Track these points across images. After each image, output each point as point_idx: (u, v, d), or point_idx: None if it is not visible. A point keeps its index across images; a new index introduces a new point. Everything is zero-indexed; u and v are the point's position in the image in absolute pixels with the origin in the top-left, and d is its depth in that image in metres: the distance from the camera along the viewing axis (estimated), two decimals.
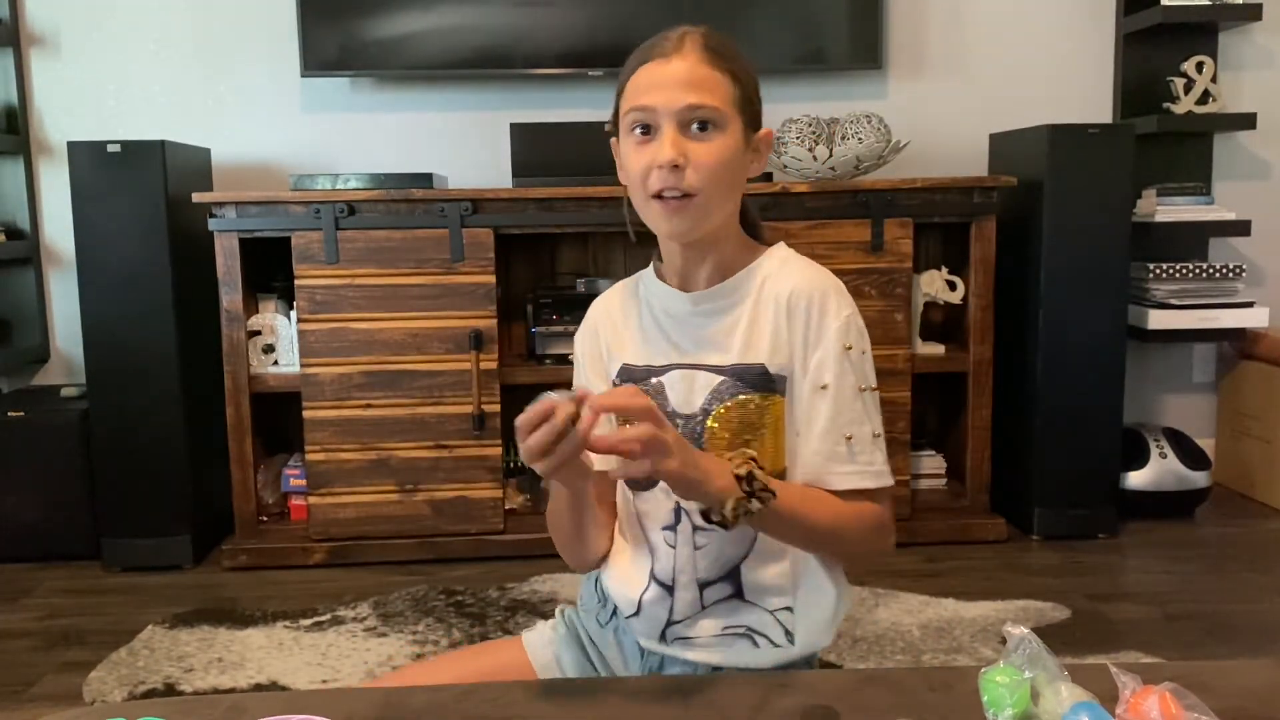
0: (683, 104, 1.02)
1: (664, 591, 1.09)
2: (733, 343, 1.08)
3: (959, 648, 2.09)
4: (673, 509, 1.08)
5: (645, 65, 1.04)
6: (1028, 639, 0.84)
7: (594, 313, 1.19)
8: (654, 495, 1.09)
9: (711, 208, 1.05)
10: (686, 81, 1.02)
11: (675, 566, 1.08)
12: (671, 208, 1.03)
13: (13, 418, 2.67)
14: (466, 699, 0.95)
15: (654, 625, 1.10)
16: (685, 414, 1.07)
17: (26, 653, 2.18)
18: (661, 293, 1.12)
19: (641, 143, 1.04)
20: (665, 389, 1.08)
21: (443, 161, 3.02)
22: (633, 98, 1.05)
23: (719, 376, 1.07)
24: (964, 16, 3.09)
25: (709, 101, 1.02)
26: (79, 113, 3.01)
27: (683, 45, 1.04)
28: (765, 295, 1.08)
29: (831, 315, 1.06)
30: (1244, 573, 2.51)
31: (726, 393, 1.06)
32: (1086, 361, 2.69)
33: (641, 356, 1.12)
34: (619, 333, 1.15)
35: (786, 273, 1.10)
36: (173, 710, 0.95)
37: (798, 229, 2.60)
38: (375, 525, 2.64)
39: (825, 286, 1.08)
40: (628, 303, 1.16)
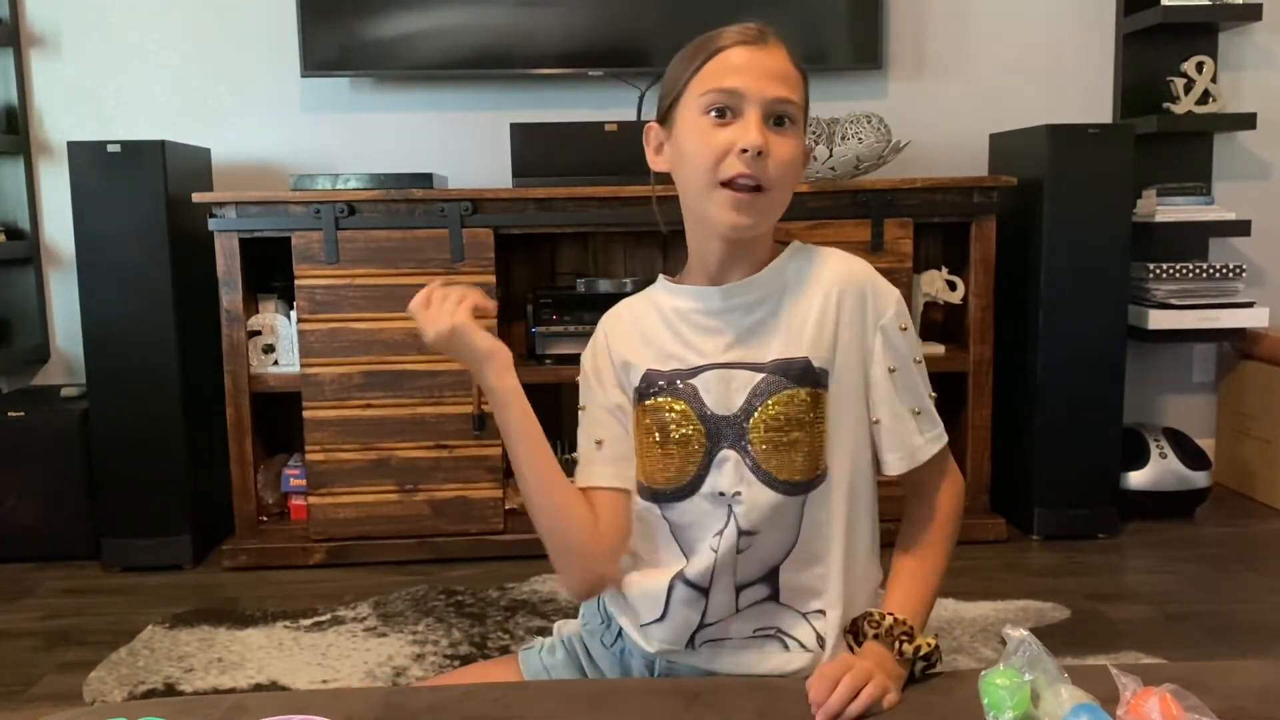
0: (774, 94, 1.00)
1: (698, 594, 1.06)
2: (772, 338, 1.05)
3: (959, 648, 2.09)
4: (725, 513, 1.04)
5: (731, 49, 1.01)
6: (1027, 641, 0.84)
7: (604, 328, 1.15)
8: (698, 505, 1.05)
9: (777, 205, 1.04)
10: (779, 73, 1.01)
11: (715, 569, 1.05)
12: (743, 199, 1.00)
13: (13, 418, 2.66)
14: (467, 699, 0.95)
15: (683, 629, 1.07)
16: (724, 415, 1.04)
17: (26, 653, 2.18)
18: (686, 293, 1.09)
19: (718, 124, 1.00)
20: (699, 391, 1.05)
21: (443, 161, 3.02)
22: (716, 78, 1.00)
23: (759, 374, 1.04)
24: (964, 16, 3.09)
25: (795, 98, 1.01)
26: (79, 113, 3.01)
27: (767, 36, 1.02)
28: (804, 288, 1.07)
29: (885, 299, 1.09)
30: (1244, 573, 2.51)
31: (769, 389, 1.03)
32: (1086, 361, 2.69)
33: (666, 362, 1.07)
34: (635, 342, 1.10)
35: (825, 265, 1.09)
36: (173, 710, 0.95)
37: (798, 229, 2.60)
38: (375, 525, 2.64)
39: (867, 272, 1.10)
40: (643, 313, 1.13)
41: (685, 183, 1.05)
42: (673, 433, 1.04)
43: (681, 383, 1.05)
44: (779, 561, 1.06)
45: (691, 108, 1.02)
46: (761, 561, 1.06)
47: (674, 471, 1.05)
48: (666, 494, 1.06)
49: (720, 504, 1.04)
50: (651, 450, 1.06)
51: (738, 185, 0.99)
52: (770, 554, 1.06)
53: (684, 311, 1.08)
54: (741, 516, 1.04)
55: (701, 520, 1.05)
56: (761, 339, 1.06)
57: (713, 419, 1.04)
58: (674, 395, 1.05)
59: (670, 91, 1.05)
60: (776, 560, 1.06)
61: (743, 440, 1.03)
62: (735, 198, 1.00)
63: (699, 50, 1.03)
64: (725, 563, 1.05)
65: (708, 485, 1.04)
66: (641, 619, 1.08)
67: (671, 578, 1.06)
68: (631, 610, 1.10)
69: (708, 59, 1.01)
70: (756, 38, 1.01)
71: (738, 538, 1.04)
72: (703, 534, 1.05)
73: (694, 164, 1.02)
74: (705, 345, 1.06)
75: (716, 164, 1.00)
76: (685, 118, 1.03)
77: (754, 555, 1.05)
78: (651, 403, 1.06)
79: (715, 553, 1.05)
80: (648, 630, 1.08)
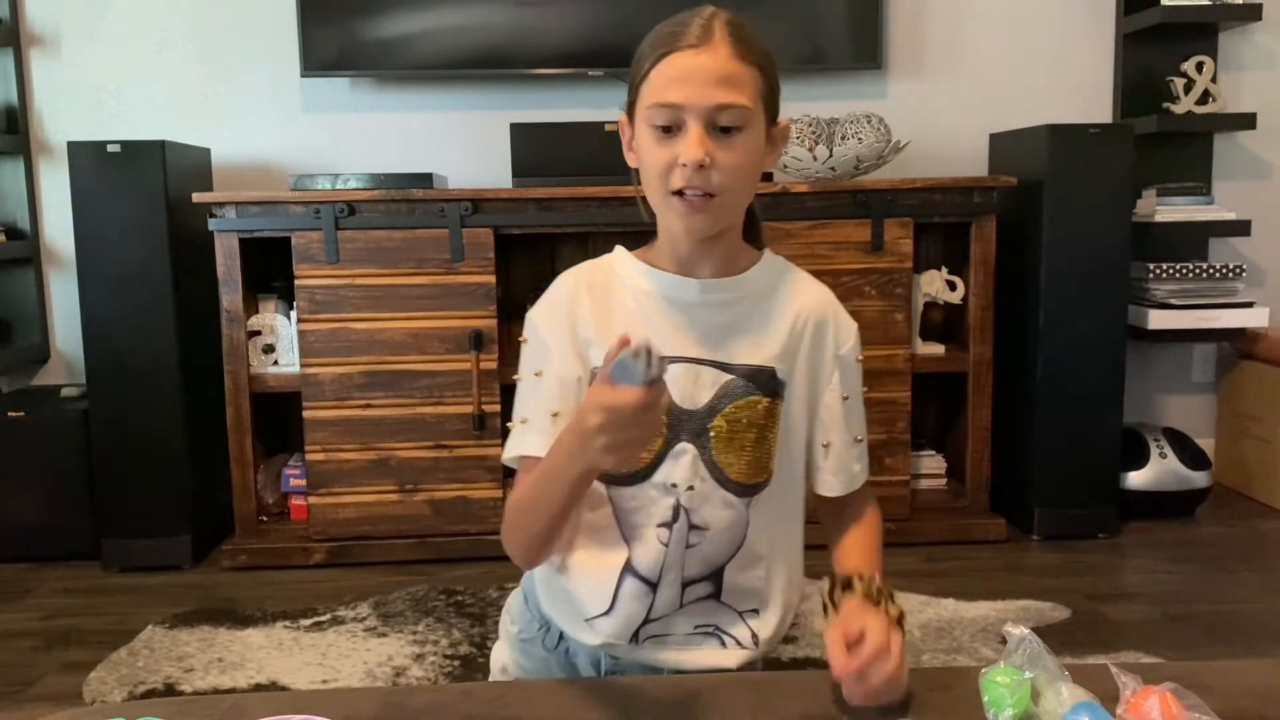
0: (713, 103, 0.98)
1: (646, 588, 1.07)
2: (741, 342, 1.07)
3: (959, 648, 2.09)
4: (672, 505, 1.05)
5: (672, 55, 0.99)
6: (1028, 639, 0.84)
7: (564, 289, 1.10)
8: (646, 491, 1.05)
9: (731, 207, 1.04)
10: (717, 78, 0.98)
11: (664, 563, 1.06)
12: (694, 206, 1.00)
13: (13, 418, 2.66)
14: (466, 699, 0.95)
15: (628, 623, 1.07)
16: (688, 409, 1.05)
17: (26, 653, 2.17)
18: (660, 279, 1.08)
19: (664, 138, 1.00)
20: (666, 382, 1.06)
21: (443, 161, 3.02)
22: (657, 91, 1.00)
23: (728, 375, 1.05)
24: (964, 16, 3.09)
25: (738, 100, 0.99)
26: (79, 113, 3.01)
27: (711, 34, 0.99)
28: (777, 303, 1.09)
29: (846, 330, 1.12)
30: (1244, 573, 2.51)
31: (736, 392, 1.05)
32: (1086, 361, 2.69)
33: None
34: (600, 317, 1.08)
35: (798, 286, 1.12)
36: (173, 710, 0.95)
37: (798, 229, 2.60)
38: (375, 525, 2.64)
39: (834, 301, 1.13)
40: (608, 285, 1.10)
41: (645, 187, 1.06)
42: None
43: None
44: (725, 561, 1.08)
45: (642, 118, 1.03)
46: (708, 560, 1.07)
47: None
48: (618, 476, 1.06)
49: (669, 495, 1.05)
50: None
51: (687, 195, 1.00)
52: (717, 553, 1.07)
53: (653, 295, 1.08)
54: (692, 511, 1.05)
55: (646, 508, 1.06)
56: (730, 340, 1.07)
57: (675, 411, 1.04)
58: None
59: (631, 87, 1.05)
60: (722, 560, 1.08)
61: (702, 436, 1.05)
62: (686, 206, 1.01)
63: (651, 48, 1.02)
64: (675, 558, 1.06)
65: (660, 474, 1.05)
66: (587, 612, 1.08)
67: (621, 570, 1.07)
68: (574, 604, 1.10)
69: (655, 63, 1.01)
70: (699, 38, 0.99)
71: (688, 531, 1.05)
72: (645, 521, 1.06)
73: (647, 174, 1.04)
74: (674, 336, 1.06)
75: (665, 176, 1.01)
76: (639, 125, 1.04)
77: (701, 552, 1.07)
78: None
79: (666, 546, 1.06)
80: (594, 624, 1.08)
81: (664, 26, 1.03)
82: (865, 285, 2.63)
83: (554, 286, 1.12)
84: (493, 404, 2.62)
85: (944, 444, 2.99)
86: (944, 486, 2.94)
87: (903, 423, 2.67)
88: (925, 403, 2.98)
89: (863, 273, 2.63)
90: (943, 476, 2.94)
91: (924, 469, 2.92)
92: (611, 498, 1.07)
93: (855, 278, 2.62)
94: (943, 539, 2.70)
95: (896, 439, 2.67)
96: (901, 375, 2.66)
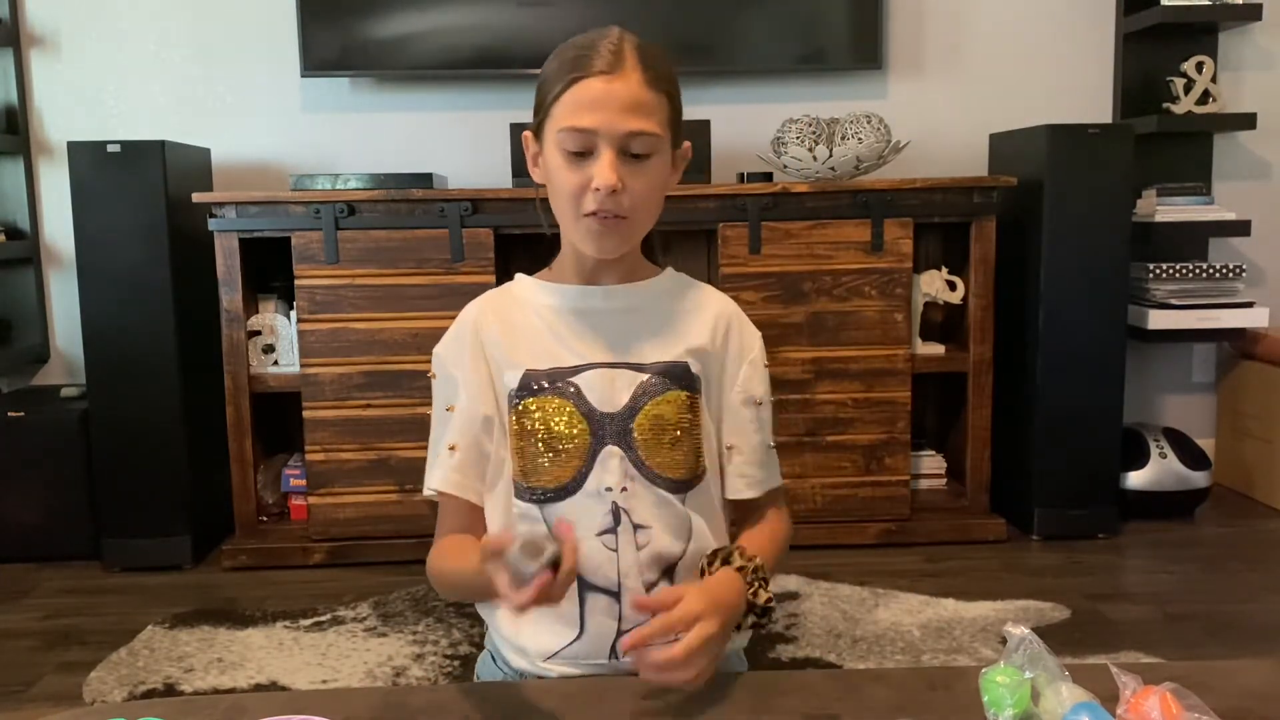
0: (625, 130, 1.00)
1: (609, 599, 1.05)
2: (652, 342, 1.09)
3: (959, 648, 2.09)
4: (609, 511, 1.05)
5: (584, 80, 1.01)
6: (1028, 639, 0.84)
7: (468, 320, 1.12)
8: (580, 502, 1.05)
9: (641, 229, 1.08)
10: (629, 105, 1.00)
11: (620, 570, 1.05)
12: (607, 226, 1.03)
13: (13, 418, 2.66)
14: (466, 698, 0.95)
15: (603, 640, 1.06)
16: (609, 412, 1.05)
17: (26, 653, 2.17)
18: (561, 291, 1.11)
19: (574, 161, 1.02)
20: (583, 390, 1.06)
21: (443, 161, 3.02)
22: (570, 115, 1.01)
23: (643, 374, 1.07)
24: (964, 16, 3.09)
25: (649, 128, 1.02)
26: (79, 113, 3.01)
27: (622, 60, 1.01)
28: (684, 306, 1.13)
29: (750, 334, 1.15)
30: (1244, 573, 2.51)
31: (652, 390, 1.06)
32: (1086, 361, 2.69)
33: (544, 360, 1.07)
34: (509, 341, 1.09)
35: (704, 292, 1.15)
36: (173, 710, 0.95)
37: (798, 229, 2.60)
38: (375, 525, 2.64)
39: (739, 310, 1.16)
40: (511, 309, 1.12)
41: (554, 205, 1.08)
42: (556, 431, 1.05)
43: (562, 381, 1.06)
44: (678, 559, 1.08)
45: (552, 139, 1.04)
46: (662, 559, 1.07)
47: (558, 469, 1.05)
48: (549, 493, 1.06)
49: (603, 500, 1.05)
50: (534, 450, 1.06)
51: (600, 216, 1.03)
52: (668, 551, 1.07)
53: (559, 309, 1.10)
54: (631, 511, 1.05)
55: (582, 519, 1.05)
56: (640, 342, 1.09)
57: (597, 416, 1.05)
58: (556, 394, 1.06)
59: (539, 106, 1.06)
60: (675, 557, 1.08)
61: (626, 437, 1.05)
62: (598, 228, 1.03)
63: (561, 70, 1.03)
64: (629, 562, 1.05)
65: (591, 482, 1.05)
66: (558, 644, 1.07)
67: (578, 588, 1.05)
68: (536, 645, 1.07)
69: (566, 87, 1.02)
70: (610, 64, 1.01)
71: (634, 532, 1.05)
72: (585, 533, 1.05)
73: (558, 195, 1.06)
74: (583, 344, 1.08)
75: (577, 199, 1.03)
76: (548, 146, 1.05)
77: (652, 552, 1.06)
78: (534, 401, 1.06)
79: (615, 551, 1.05)
80: (570, 652, 1.06)
81: (570, 48, 1.04)
82: (865, 285, 2.63)
83: (456, 321, 1.14)
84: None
85: (944, 444, 2.99)
86: (944, 486, 2.94)
87: (903, 423, 2.67)
88: (925, 403, 2.98)
89: (863, 273, 2.63)
90: (943, 476, 2.94)
91: (924, 469, 2.92)
92: (545, 517, 1.06)
93: (855, 278, 2.62)
94: (943, 539, 2.70)
95: (896, 439, 2.67)
96: (901, 375, 2.66)
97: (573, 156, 1.02)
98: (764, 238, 2.57)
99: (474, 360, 1.10)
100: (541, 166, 1.08)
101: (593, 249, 1.06)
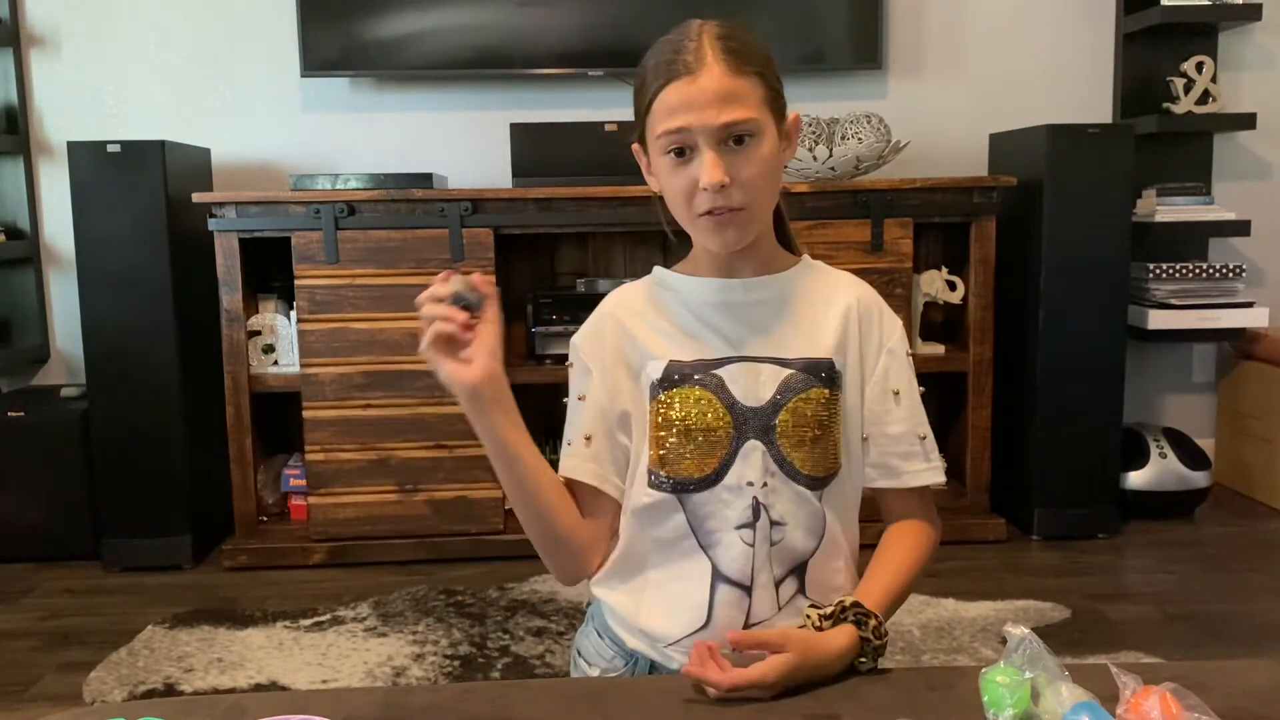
0: (719, 123, 0.99)
1: (741, 592, 1.06)
2: (794, 336, 1.07)
3: (959, 648, 2.09)
4: (749, 506, 1.05)
5: (671, 85, 1.00)
6: (1028, 639, 0.84)
7: (610, 310, 1.13)
8: (719, 495, 1.05)
9: (759, 215, 1.06)
10: (718, 98, 0.99)
11: (754, 565, 1.05)
12: (723, 221, 1.02)
13: (13, 418, 2.66)
14: (466, 699, 0.95)
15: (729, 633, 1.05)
16: (751, 406, 1.05)
17: (26, 653, 2.18)
18: (704, 284, 1.10)
19: (679, 164, 1.02)
20: (726, 382, 1.05)
21: (443, 161, 3.02)
22: (663, 120, 1.01)
23: (786, 370, 1.06)
24: (964, 16, 3.09)
25: (744, 115, 1.00)
26: (79, 113, 3.01)
27: (703, 55, 1.00)
28: (823, 297, 1.11)
29: (891, 323, 1.13)
30: (1244, 573, 2.51)
31: (798, 386, 1.05)
32: (1086, 361, 2.69)
33: (687, 352, 1.07)
34: (650, 331, 1.10)
35: (842, 281, 1.14)
36: (173, 710, 0.95)
37: (798, 229, 2.55)
38: (375, 525, 2.64)
39: (879, 297, 1.15)
40: (653, 300, 1.12)
41: (672, 209, 1.07)
42: (699, 422, 1.05)
43: (705, 373, 1.06)
44: (809, 556, 1.08)
45: (654, 146, 1.04)
46: (793, 555, 1.07)
47: (699, 460, 1.05)
48: (690, 484, 1.06)
49: (743, 495, 1.05)
50: (675, 440, 1.06)
51: (714, 214, 1.02)
52: (800, 547, 1.07)
53: (701, 302, 1.10)
54: (770, 507, 1.05)
55: (721, 511, 1.06)
56: (782, 335, 1.08)
57: (740, 410, 1.05)
58: (700, 385, 1.06)
59: (637, 116, 1.07)
60: (807, 554, 1.07)
61: (769, 433, 1.05)
62: (716, 224, 1.03)
63: (651, 78, 1.03)
64: (763, 557, 1.06)
65: (732, 476, 1.05)
66: (681, 631, 1.07)
67: (711, 579, 1.06)
68: (660, 632, 1.08)
69: (655, 94, 1.02)
70: (692, 62, 1.00)
71: (770, 529, 1.05)
72: (722, 525, 1.05)
73: (671, 200, 1.05)
74: (726, 336, 1.08)
75: (689, 200, 1.03)
76: (654, 154, 1.05)
77: (785, 548, 1.06)
78: (676, 392, 1.06)
79: (751, 546, 1.05)
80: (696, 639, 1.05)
81: (659, 52, 1.03)
82: None
83: (595, 312, 1.14)
84: None
85: (944, 444, 2.99)
86: (944, 486, 2.94)
87: None
88: (925, 403, 2.97)
89: (863, 273, 2.55)
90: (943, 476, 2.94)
91: None
92: (684, 505, 1.07)
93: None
94: (943, 539, 2.69)
95: None
96: None
97: (677, 159, 1.02)
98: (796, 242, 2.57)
99: (614, 352, 1.10)
100: (654, 174, 1.08)
101: (716, 245, 1.05)
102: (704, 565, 1.06)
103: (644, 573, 1.10)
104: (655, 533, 1.08)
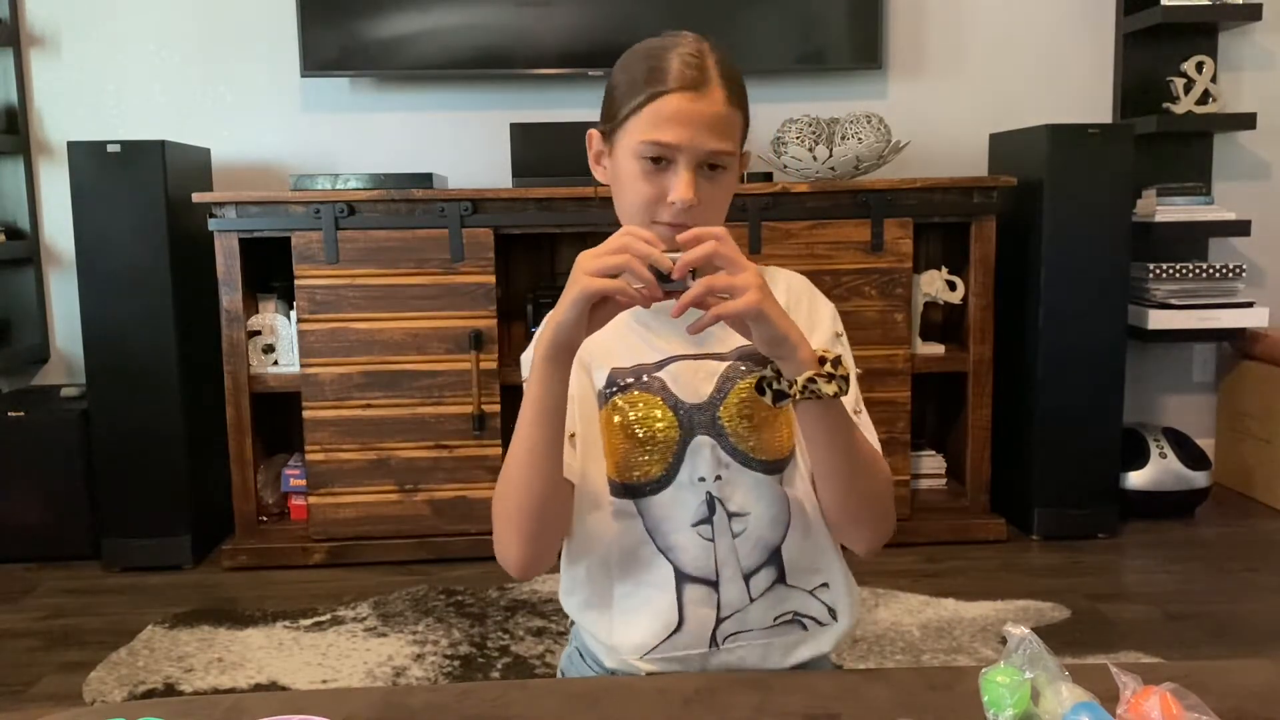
0: (708, 149, 1.01)
1: (708, 589, 1.06)
2: (729, 330, 1.05)
3: (959, 648, 2.09)
4: (703, 501, 1.05)
5: (668, 95, 1.01)
6: (1028, 639, 0.84)
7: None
8: (674, 494, 1.06)
9: None
10: (713, 124, 1.01)
11: (717, 559, 1.06)
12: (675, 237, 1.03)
13: (13, 418, 2.66)
14: (466, 698, 0.95)
15: (703, 630, 1.07)
16: (694, 403, 1.06)
17: (26, 653, 2.18)
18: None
19: (653, 171, 1.03)
20: (667, 383, 1.07)
21: (443, 161, 3.03)
22: (651, 128, 1.01)
23: (724, 362, 1.07)
24: (964, 16, 3.09)
25: (729, 147, 1.02)
26: (79, 113, 3.01)
27: (708, 75, 1.01)
28: None
29: (821, 303, 1.13)
30: (1244, 573, 2.51)
31: (737, 375, 1.06)
32: (1086, 361, 2.69)
33: (628, 358, 1.09)
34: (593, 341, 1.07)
35: (775, 273, 1.13)
36: (173, 710, 0.95)
37: (798, 229, 2.60)
38: (375, 525, 2.64)
39: (809, 283, 1.15)
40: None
41: (622, 210, 1.08)
42: (646, 426, 1.05)
43: (648, 376, 1.07)
44: (779, 541, 1.08)
45: (628, 145, 1.04)
46: (762, 544, 1.07)
47: (650, 464, 1.06)
48: (644, 488, 1.07)
49: (698, 490, 1.06)
50: (625, 446, 1.07)
51: (674, 226, 1.02)
52: (768, 534, 1.07)
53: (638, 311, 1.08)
54: (727, 500, 1.06)
55: (677, 512, 1.06)
56: (718, 331, 1.06)
57: (684, 408, 1.06)
58: (643, 389, 1.07)
59: (613, 111, 1.06)
60: (776, 540, 1.08)
61: (716, 426, 1.05)
62: (669, 235, 1.01)
63: (644, 80, 1.02)
64: (726, 551, 1.06)
65: (684, 473, 1.06)
66: (657, 639, 1.07)
67: (675, 581, 1.07)
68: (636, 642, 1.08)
69: (649, 100, 1.01)
70: (695, 80, 1.00)
71: (729, 520, 1.06)
72: (679, 526, 1.06)
73: (629, 201, 1.06)
74: (664, 339, 1.09)
75: (650, 208, 1.04)
76: (623, 152, 1.05)
77: (751, 537, 1.07)
78: (621, 399, 1.07)
79: (711, 541, 1.06)
80: (670, 644, 1.07)
81: (652, 56, 1.03)
82: (865, 285, 2.63)
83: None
84: (492, 404, 2.62)
85: (944, 444, 2.99)
86: (944, 486, 2.94)
87: (903, 423, 2.67)
88: (925, 403, 2.98)
89: (863, 273, 2.63)
90: (943, 476, 2.94)
91: (924, 469, 2.92)
92: (640, 510, 1.07)
93: (855, 278, 2.62)
94: (943, 539, 2.70)
95: (896, 439, 2.67)
96: (901, 375, 2.66)
97: (650, 166, 1.03)
98: (764, 237, 2.57)
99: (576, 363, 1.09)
100: (607, 168, 1.09)
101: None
102: (666, 568, 1.07)
103: (611, 587, 1.10)
104: (617, 542, 1.08)
